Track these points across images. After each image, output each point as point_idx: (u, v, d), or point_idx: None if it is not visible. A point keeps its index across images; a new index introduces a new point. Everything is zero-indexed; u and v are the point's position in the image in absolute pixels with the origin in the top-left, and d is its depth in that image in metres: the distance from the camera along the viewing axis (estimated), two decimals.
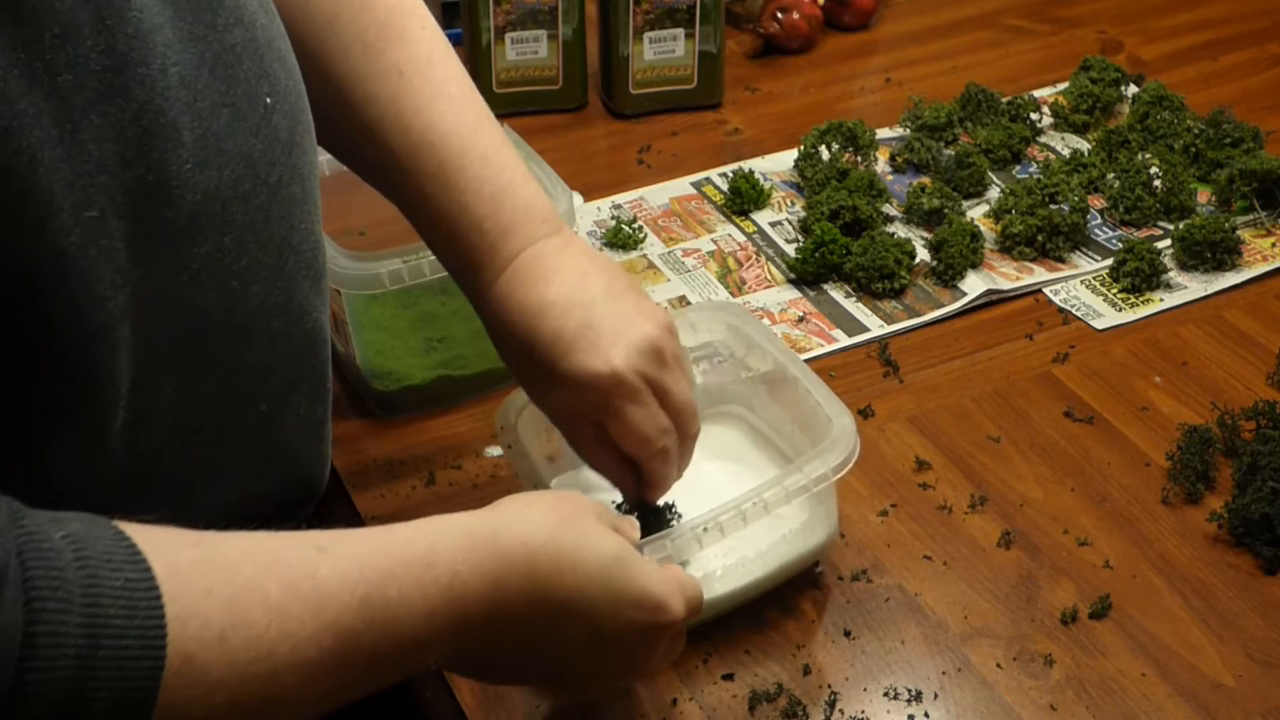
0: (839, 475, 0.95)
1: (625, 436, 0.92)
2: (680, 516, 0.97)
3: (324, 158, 1.19)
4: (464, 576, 0.72)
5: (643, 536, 0.92)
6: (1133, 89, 1.58)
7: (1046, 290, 1.30)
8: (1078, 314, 1.27)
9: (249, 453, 0.85)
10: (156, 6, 0.70)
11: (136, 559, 0.61)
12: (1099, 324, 1.26)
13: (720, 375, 1.09)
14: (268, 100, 0.77)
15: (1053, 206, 1.37)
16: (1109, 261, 1.33)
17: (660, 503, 0.97)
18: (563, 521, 0.77)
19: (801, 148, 1.46)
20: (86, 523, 0.61)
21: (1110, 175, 1.44)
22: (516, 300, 0.91)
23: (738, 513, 0.91)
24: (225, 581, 0.63)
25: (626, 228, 1.38)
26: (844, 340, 1.25)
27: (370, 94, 0.92)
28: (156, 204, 0.69)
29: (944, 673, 0.95)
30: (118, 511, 0.63)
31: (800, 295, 1.31)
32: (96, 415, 0.71)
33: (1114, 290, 1.30)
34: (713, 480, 1.03)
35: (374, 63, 0.92)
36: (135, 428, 0.74)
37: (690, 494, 0.99)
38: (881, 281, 1.29)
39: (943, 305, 1.28)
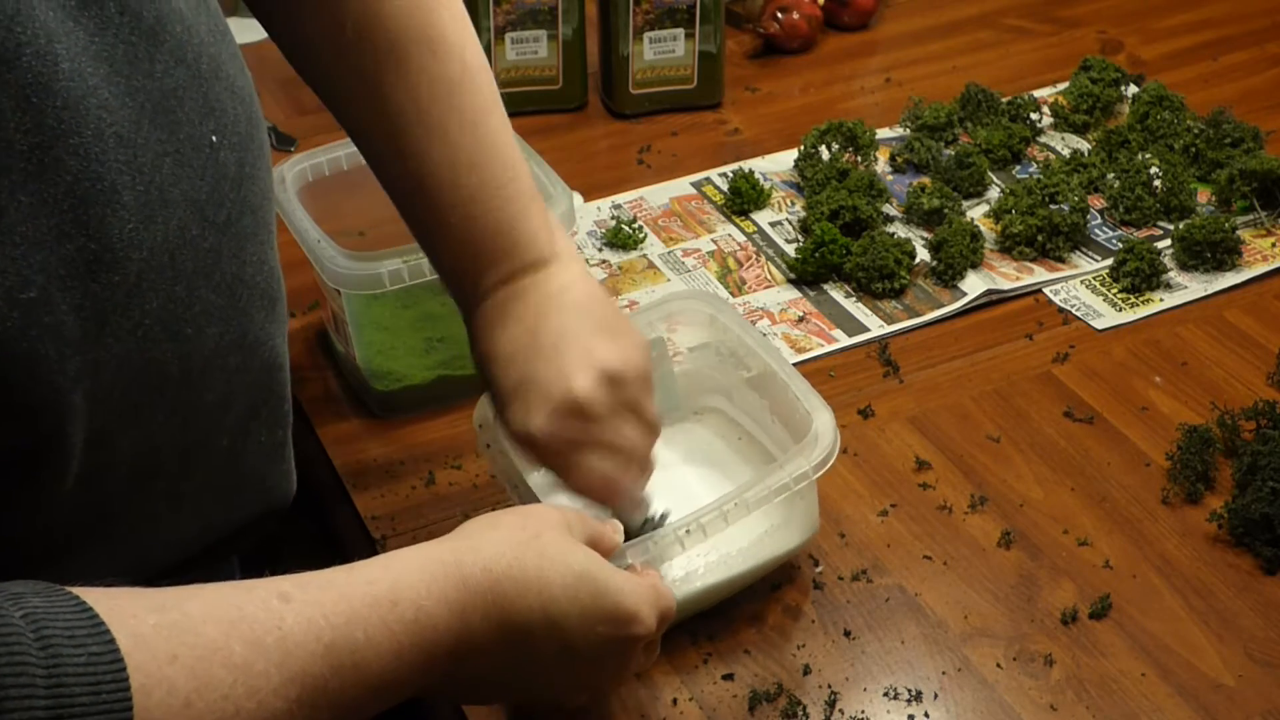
0: (820, 473, 0.94)
1: (570, 484, 0.92)
2: (666, 517, 0.97)
3: (323, 158, 1.20)
4: (428, 610, 0.71)
5: (632, 536, 0.93)
6: (1133, 89, 1.58)
7: (1046, 290, 1.30)
8: (1078, 314, 1.27)
9: (212, 486, 0.84)
10: (90, 67, 0.67)
11: (99, 631, 0.60)
12: (1099, 324, 1.26)
13: (700, 364, 1.09)
14: (213, 139, 0.75)
15: (1053, 206, 1.37)
16: (1109, 261, 1.33)
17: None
18: (526, 542, 0.77)
19: (801, 148, 1.46)
20: (46, 596, 0.60)
21: (1110, 175, 1.44)
22: (476, 344, 0.93)
23: (719, 513, 0.91)
24: (189, 645, 0.62)
25: (626, 228, 1.38)
26: (844, 340, 1.25)
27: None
28: (100, 270, 0.68)
29: (944, 673, 0.95)
30: (72, 553, 0.62)
31: (800, 295, 1.31)
32: (49, 475, 0.71)
33: (1114, 290, 1.30)
34: (690, 485, 1.03)
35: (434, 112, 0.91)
36: (91, 480, 0.73)
37: (670, 498, 0.99)
38: (881, 281, 1.29)
39: (943, 305, 1.28)
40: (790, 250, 1.35)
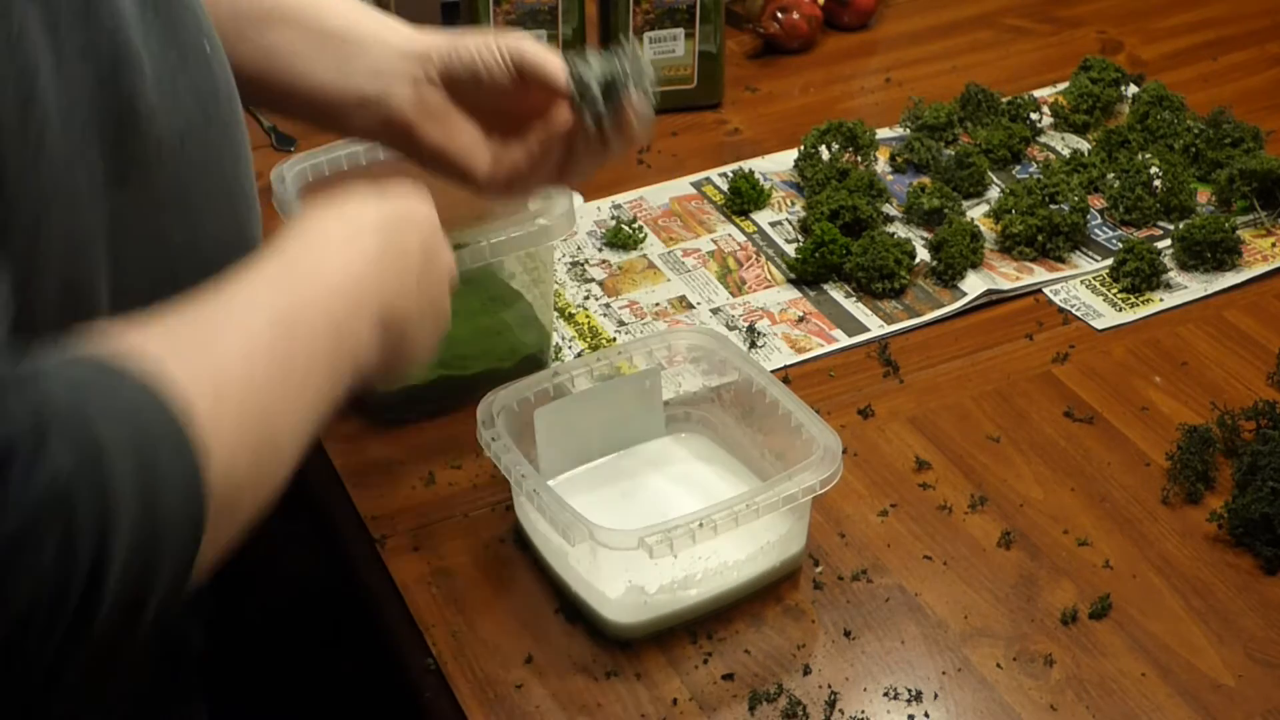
0: (826, 489, 0.96)
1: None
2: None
3: (323, 158, 1.19)
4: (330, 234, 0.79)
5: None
6: (1133, 89, 1.58)
7: (1046, 290, 1.30)
8: (1078, 314, 1.27)
9: None
10: None
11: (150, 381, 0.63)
12: (1099, 324, 1.26)
13: (696, 389, 1.11)
14: (207, 48, 0.81)
15: (1053, 206, 1.37)
16: (1109, 261, 1.33)
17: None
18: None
19: (801, 148, 1.46)
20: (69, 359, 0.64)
21: (1110, 175, 1.44)
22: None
23: (730, 514, 0.93)
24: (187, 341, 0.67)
25: (626, 228, 1.38)
26: (844, 340, 1.25)
27: None
28: (125, 130, 0.73)
29: (944, 673, 0.95)
30: None
31: (800, 295, 1.31)
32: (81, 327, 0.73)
33: (1114, 290, 1.30)
34: (706, 480, 1.05)
35: None
36: None
37: (687, 491, 1.02)
38: (881, 281, 1.29)
39: (943, 305, 1.28)
40: (790, 250, 1.35)
